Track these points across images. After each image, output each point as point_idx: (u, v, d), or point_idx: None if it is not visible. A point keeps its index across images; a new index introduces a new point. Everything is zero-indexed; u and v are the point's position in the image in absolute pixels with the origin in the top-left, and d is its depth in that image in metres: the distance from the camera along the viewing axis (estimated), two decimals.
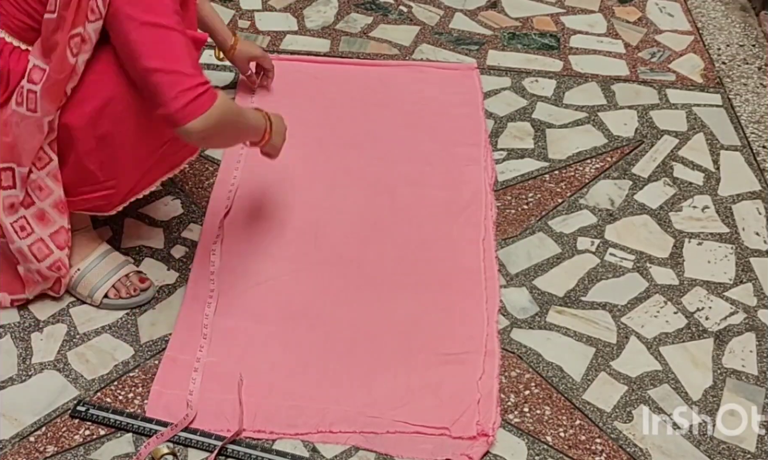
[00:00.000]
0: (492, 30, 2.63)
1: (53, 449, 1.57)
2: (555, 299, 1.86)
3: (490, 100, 2.37)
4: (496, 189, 2.10)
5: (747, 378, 1.72)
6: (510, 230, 2.01)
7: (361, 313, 1.81)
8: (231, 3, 2.67)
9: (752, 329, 1.81)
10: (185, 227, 1.98)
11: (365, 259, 1.92)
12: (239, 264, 1.89)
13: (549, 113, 2.33)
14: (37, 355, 1.71)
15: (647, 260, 1.95)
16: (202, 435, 1.58)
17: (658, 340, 1.79)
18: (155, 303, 1.81)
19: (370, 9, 2.69)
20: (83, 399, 1.64)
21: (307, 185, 2.08)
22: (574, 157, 2.20)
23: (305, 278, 1.87)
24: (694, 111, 2.35)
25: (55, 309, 1.79)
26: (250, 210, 2.01)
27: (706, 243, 2.00)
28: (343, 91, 2.36)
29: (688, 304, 1.86)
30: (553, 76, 2.46)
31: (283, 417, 1.62)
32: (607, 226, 2.02)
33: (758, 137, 2.28)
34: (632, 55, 2.56)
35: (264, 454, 1.56)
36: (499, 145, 2.23)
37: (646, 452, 1.60)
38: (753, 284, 1.91)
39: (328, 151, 2.17)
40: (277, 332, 1.76)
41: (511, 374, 1.71)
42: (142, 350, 1.73)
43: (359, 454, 1.58)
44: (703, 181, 2.15)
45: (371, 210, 2.03)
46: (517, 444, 1.60)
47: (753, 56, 2.58)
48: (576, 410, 1.66)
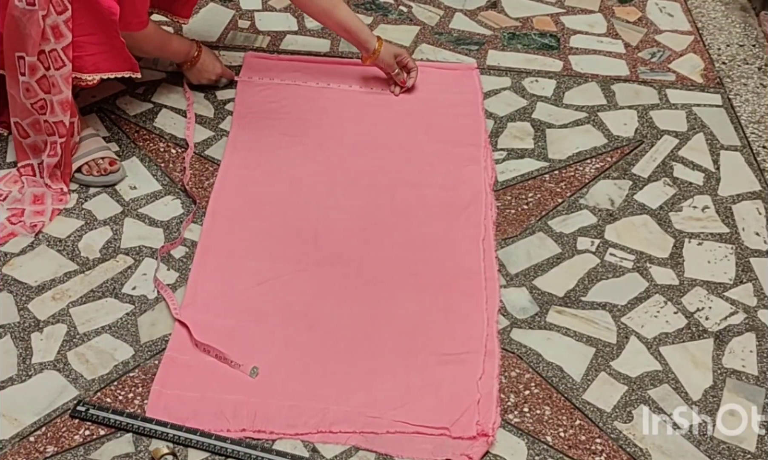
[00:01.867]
0: (492, 30, 2.63)
1: (53, 449, 1.57)
2: (555, 299, 1.86)
3: (490, 100, 2.37)
4: (496, 189, 2.10)
5: (747, 378, 1.72)
6: (510, 229, 2.01)
7: (361, 313, 1.81)
8: (231, 3, 2.67)
9: (752, 329, 1.81)
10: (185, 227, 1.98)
11: (365, 259, 1.92)
12: (239, 264, 1.89)
13: (549, 113, 2.33)
14: (37, 355, 1.71)
15: (647, 260, 1.95)
16: (202, 435, 1.58)
17: (658, 340, 1.79)
18: (155, 303, 1.81)
19: (370, 9, 2.69)
20: (83, 399, 1.64)
21: (307, 185, 2.08)
22: (574, 157, 2.20)
23: (305, 278, 1.87)
24: (694, 111, 2.36)
25: (55, 309, 1.79)
26: (250, 210, 2.01)
27: (706, 243, 2.00)
28: (343, 91, 2.36)
29: (688, 304, 1.86)
30: (553, 76, 2.46)
31: (283, 417, 1.62)
32: (607, 226, 2.02)
33: (758, 137, 2.28)
34: (632, 55, 2.56)
35: (264, 454, 1.56)
36: (499, 145, 2.23)
37: (646, 452, 1.60)
38: (753, 284, 1.91)
39: (328, 151, 2.17)
40: (277, 332, 1.76)
41: (511, 374, 1.71)
42: (142, 350, 1.73)
43: (359, 454, 1.58)
44: (703, 182, 2.15)
45: (371, 210, 2.03)
46: (517, 444, 1.60)
47: (753, 56, 2.58)
48: (576, 410, 1.66)
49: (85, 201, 2.02)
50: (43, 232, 1.94)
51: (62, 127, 1.93)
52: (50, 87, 1.89)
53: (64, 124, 1.93)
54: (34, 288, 1.83)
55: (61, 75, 1.88)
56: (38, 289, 1.83)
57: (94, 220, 1.98)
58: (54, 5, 1.80)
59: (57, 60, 1.86)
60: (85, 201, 2.02)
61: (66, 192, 2.00)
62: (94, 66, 1.92)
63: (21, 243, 1.92)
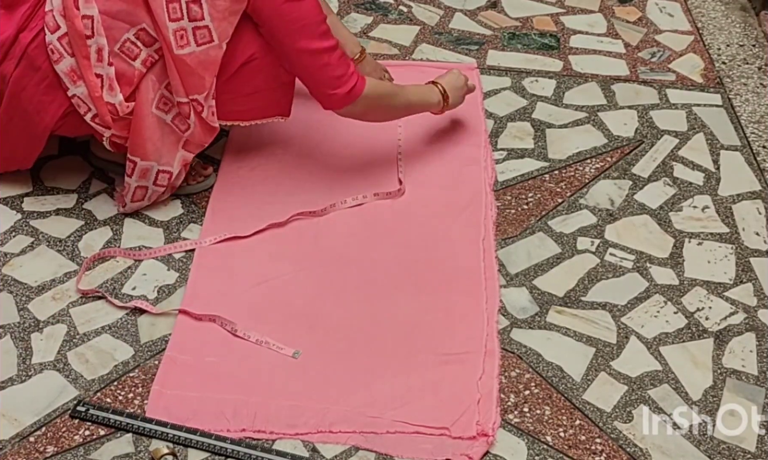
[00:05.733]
0: (492, 30, 2.63)
1: (53, 449, 1.56)
2: (555, 299, 1.86)
3: (490, 100, 2.37)
4: (496, 189, 2.10)
5: (747, 378, 1.72)
6: (510, 229, 2.01)
7: (361, 313, 1.81)
8: None
9: (752, 329, 1.81)
10: (185, 227, 1.98)
11: (365, 259, 1.92)
12: (239, 264, 1.89)
13: (549, 113, 2.33)
14: (37, 355, 1.71)
15: (647, 260, 1.95)
16: (202, 435, 1.58)
17: (658, 340, 1.79)
18: (155, 303, 1.81)
19: (370, 9, 2.69)
20: (83, 399, 1.64)
21: (307, 185, 2.08)
22: (574, 157, 2.20)
23: (305, 278, 1.87)
24: (694, 111, 2.35)
25: (55, 309, 1.79)
26: (250, 210, 2.01)
27: (706, 243, 2.00)
28: None
29: (688, 304, 1.86)
30: (553, 76, 2.46)
31: (283, 417, 1.62)
32: (607, 226, 2.02)
33: (758, 137, 2.28)
34: (632, 55, 2.56)
35: (264, 454, 1.56)
36: (499, 145, 2.23)
37: (646, 452, 1.60)
38: (753, 284, 1.91)
39: (327, 151, 2.17)
40: (277, 331, 1.76)
41: (511, 374, 1.71)
42: (142, 350, 1.73)
43: (359, 454, 1.58)
44: (703, 181, 2.15)
45: (371, 210, 2.03)
46: (517, 444, 1.60)
47: (753, 56, 2.58)
48: (576, 410, 1.66)
49: (85, 201, 2.02)
50: (43, 232, 1.94)
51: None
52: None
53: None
54: (34, 288, 1.83)
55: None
56: (38, 289, 1.83)
57: (94, 220, 1.98)
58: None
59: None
60: (85, 201, 2.02)
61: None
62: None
63: (21, 243, 1.92)
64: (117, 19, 1.81)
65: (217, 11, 1.80)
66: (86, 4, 1.80)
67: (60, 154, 2.12)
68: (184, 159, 1.95)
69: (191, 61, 1.81)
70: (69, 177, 2.07)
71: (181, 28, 1.80)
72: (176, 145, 1.92)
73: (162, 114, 1.88)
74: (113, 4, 1.81)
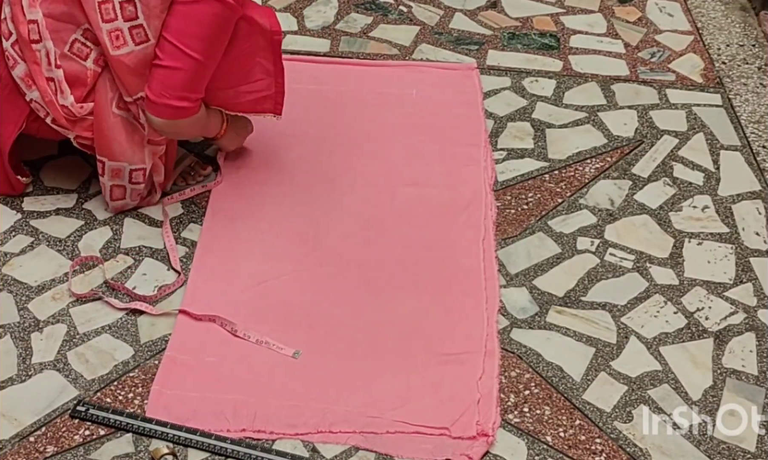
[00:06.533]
0: (492, 30, 2.63)
1: (53, 449, 1.56)
2: (555, 299, 1.86)
3: (490, 100, 2.37)
4: (496, 189, 2.10)
5: (747, 378, 1.72)
6: (510, 229, 2.01)
7: (361, 313, 1.81)
8: None
9: (752, 329, 1.81)
10: (185, 227, 1.98)
11: (365, 259, 1.92)
12: (239, 264, 1.89)
13: (549, 113, 2.33)
14: (37, 355, 1.71)
15: (647, 260, 1.95)
16: (202, 435, 1.58)
17: (658, 340, 1.79)
18: (155, 303, 1.81)
19: (370, 9, 2.69)
20: (83, 399, 1.64)
21: (307, 185, 2.08)
22: (574, 157, 2.20)
23: (305, 278, 1.87)
24: (694, 111, 2.35)
25: (55, 309, 1.79)
26: (250, 210, 2.01)
27: (706, 243, 2.00)
28: (343, 91, 2.36)
29: (688, 304, 1.86)
30: (553, 76, 2.46)
31: (283, 417, 1.62)
32: (607, 227, 2.02)
33: (758, 137, 2.28)
34: (632, 55, 2.56)
35: (264, 454, 1.56)
36: (499, 145, 2.23)
37: (646, 452, 1.60)
38: (753, 284, 1.91)
39: (328, 151, 2.17)
40: (277, 331, 1.76)
41: (511, 374, 1.71)
42: (142, 350, 1.73)
43: (359, 454, 1.58)
44: (703, 181, 2.15)
45: (371, 210, 2.03)
46: (517, 444, 1.60)
47: (753, 56, 2.58)
48: (576, 410, 1.66)
49: (85, 201, 2.02)
50: (42, 232, 1.94)
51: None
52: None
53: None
54: (34, 288, 1.83)
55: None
56: (38, 289, 1.83)
57: (94, 220, 1.98)
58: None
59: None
60: (85, 201, 2.02)
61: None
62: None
63: (21, 243, 1.92)
64: (61, 22, 1.81)
65: (150, 9, 1.79)
66: (30, 9, 1.80)
67: (60, 154, 2.12)
68: (154, 152, 1.93)
69: (130, 61, 1.80)
70: (69, 177, 2.07)
71: (116, 29, 1.79)
72: (142, 142, 1.90)
73: (124, 113, 1.87)
74: (56, 6, 1.81)
